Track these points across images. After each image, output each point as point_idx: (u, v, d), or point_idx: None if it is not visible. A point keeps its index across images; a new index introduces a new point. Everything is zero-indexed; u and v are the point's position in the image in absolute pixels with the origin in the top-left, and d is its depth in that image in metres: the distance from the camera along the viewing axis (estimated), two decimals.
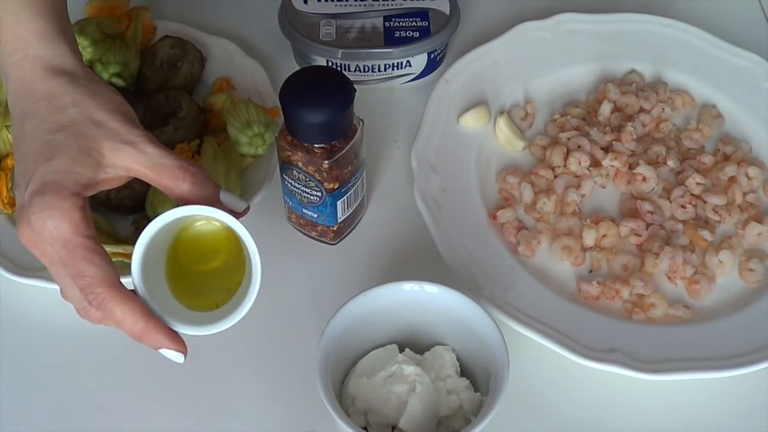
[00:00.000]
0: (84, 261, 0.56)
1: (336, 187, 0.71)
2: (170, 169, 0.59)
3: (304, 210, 0.74)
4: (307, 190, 0.71)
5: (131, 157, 0.59)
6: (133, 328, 0.57)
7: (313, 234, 0.76)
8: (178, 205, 0.58)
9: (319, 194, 0.71)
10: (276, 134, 0.70)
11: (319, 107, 0.66)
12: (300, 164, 0.69)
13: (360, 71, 0.85)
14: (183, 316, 0.59)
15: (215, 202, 0.59)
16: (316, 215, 0.74)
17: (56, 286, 0.70)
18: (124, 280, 0.58)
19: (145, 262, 0.59)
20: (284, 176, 0.72)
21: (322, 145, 0.68)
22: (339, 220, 0.74)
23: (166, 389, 0.67)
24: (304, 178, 0.70)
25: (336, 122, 0.67)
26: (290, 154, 0.69)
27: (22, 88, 0.61)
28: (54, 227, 0.55)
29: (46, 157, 0.57)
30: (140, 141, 0.59)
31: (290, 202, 0.74)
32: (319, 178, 0.70)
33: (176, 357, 0.58)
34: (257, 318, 0.71)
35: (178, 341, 0.58)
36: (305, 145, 0.68)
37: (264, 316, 0.71)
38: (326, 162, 0.68)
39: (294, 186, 0.72)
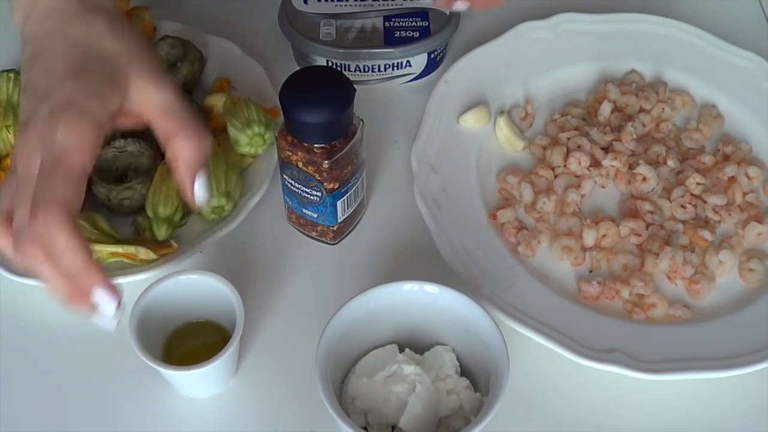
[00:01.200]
0: (65, 181, 0.54)
1: (336, 187, 0.71)
2: (180, 120, 0.60)
3: (304, 210, 0.73)
4: (307, 190, 0.71)
5: (153, 96, 0.60)
6: (72, 261, 0.54)
7: (313, 234, 0.76)
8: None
9: (319, 194, 0.71)
10: (276, 134, 0.70)
11: (319, 107, 0.66)
12: (300, 164, 0.69)
13: (360, 71, 0.85)
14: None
15: (190, 170, 0.61)
16: (316, 215, 0.73)
17: None
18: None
19: (146, 319, 0.64)
20: (284, 176, 0.72)
21: (322, 145, 0.68)
22: (339, 220, 0.74)
23: (166, 390, 0.67)
24: (304, 178, 0.70)
25: (336, 122, 0.67)
26: (290, 154, 0.69)
27: (55, 12, 0.61)
28: (62, 138, 0.55)
29: (75, 76, 0.58)
30: (165, 83, 0.61)
31: (290, 202, 0.74)
32: (319, 178, 0.70)
33: (109, 307, 0.56)
34: (257, 318, 0.71)
35: (114, 288, 0.56)
36: (305, 145, 0.68)
37: (264, 316, 0.71)
38: (326, 162, 0.68)
39: (294, 186, 0.72)
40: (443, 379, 0.64)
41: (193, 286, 0.66)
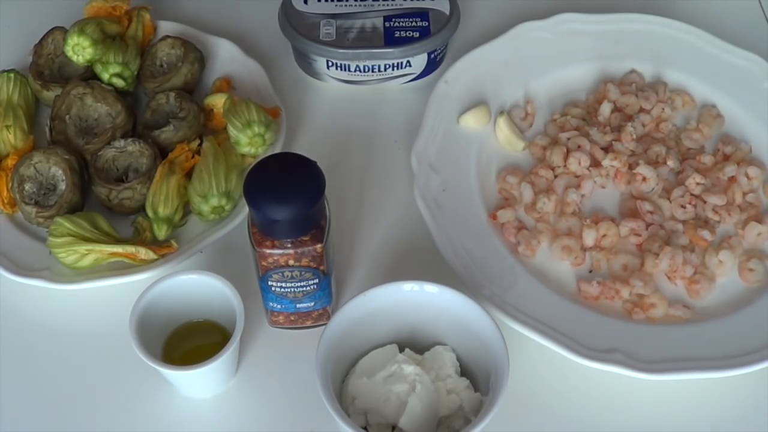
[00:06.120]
0: None
1: (328, 264, 0.66)
2: None
3: (297, 306, 0.68)
4: (302, 283, 0.66)
5: None
6: None
7: (308, 323, 0.70)
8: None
9: (316, 281, 0.66)
10: (255, 255, 0.64)
11: (302, 196, 0.61)
12: (291, 262, 0.64)
13: (360, 71, 0.85)
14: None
15: None
16: (312, 303, 0.68)
17: (56, 286, 0.70)
18: None
19: (146, 319, 0.64)
20: (269, 284, 0.66)
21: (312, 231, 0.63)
22: (334, 297, 0.70)
23: (166, 390, 0.67)
24: (298, 274, 0.65)
25: (323, 201, 0.63)
26: (278, 258, 0.64)
27: None
28: None
29: None
30: None
31: (279, 306, 0.68)
32: (314, 265, 0.65)
33: None
34: (257, 318, 0.71)
35: None
36: (295, 240, 0.63)
37: (264, 316, 0.71)
38: (320, 245, 0.63)
39: (284, 287, 0.66)
40: (443, 379, 0.63)
41: (193, 286, 0.66)
